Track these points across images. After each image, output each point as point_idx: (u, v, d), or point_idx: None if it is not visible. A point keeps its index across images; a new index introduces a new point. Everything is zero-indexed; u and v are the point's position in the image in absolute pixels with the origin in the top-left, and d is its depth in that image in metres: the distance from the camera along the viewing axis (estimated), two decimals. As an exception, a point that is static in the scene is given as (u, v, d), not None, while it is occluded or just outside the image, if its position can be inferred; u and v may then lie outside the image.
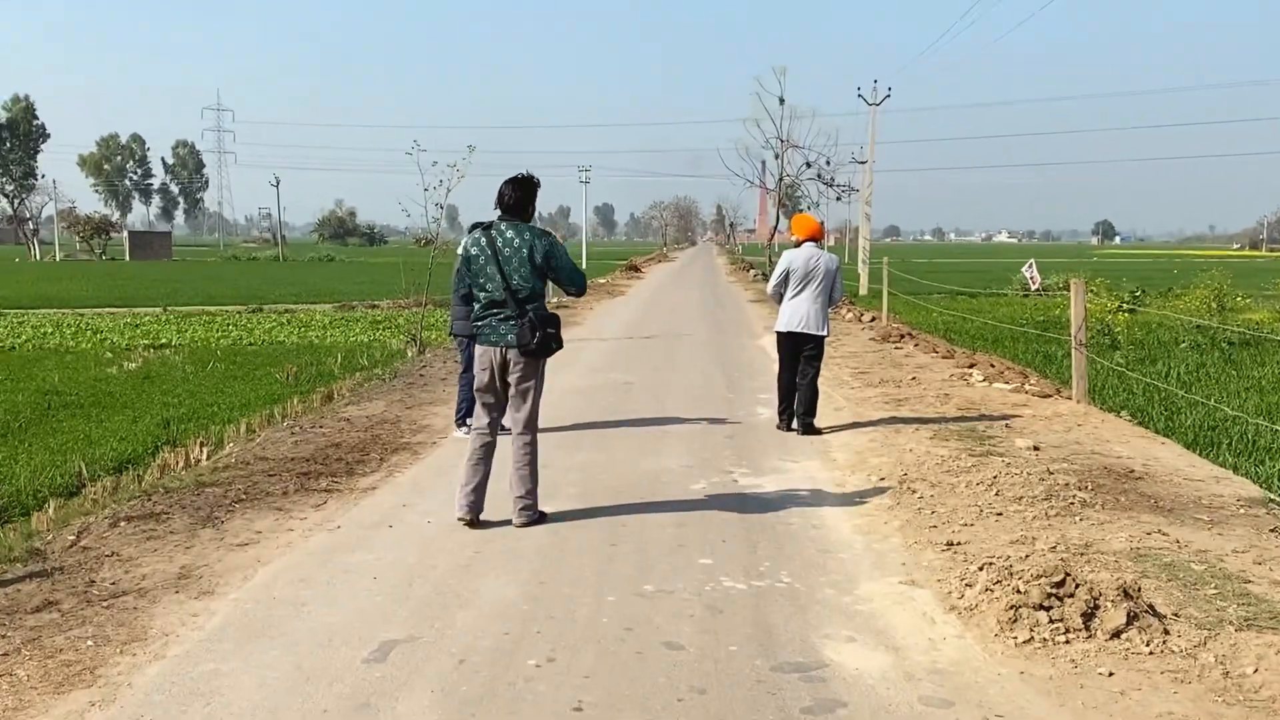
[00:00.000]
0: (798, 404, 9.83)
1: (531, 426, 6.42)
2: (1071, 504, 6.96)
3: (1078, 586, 4.99)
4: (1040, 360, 15.53)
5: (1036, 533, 6.35)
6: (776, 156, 43.85)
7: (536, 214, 6.37)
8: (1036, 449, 8.72)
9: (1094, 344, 15.21)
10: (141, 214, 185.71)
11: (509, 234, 6.19)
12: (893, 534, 6.50)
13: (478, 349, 6.33)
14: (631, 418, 10.48)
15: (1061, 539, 6.19)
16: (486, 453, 6.47)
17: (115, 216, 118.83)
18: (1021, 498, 7.09)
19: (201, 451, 8.98)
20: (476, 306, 6.29)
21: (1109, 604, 4.89)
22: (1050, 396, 11.62)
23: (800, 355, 9.85)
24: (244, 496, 7.14)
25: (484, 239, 6.23)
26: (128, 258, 77.97)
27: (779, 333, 10.01)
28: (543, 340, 6.18)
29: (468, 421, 9.40)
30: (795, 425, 9.82)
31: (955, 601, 5.23)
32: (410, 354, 16.22)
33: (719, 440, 9.39)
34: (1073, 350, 11.10)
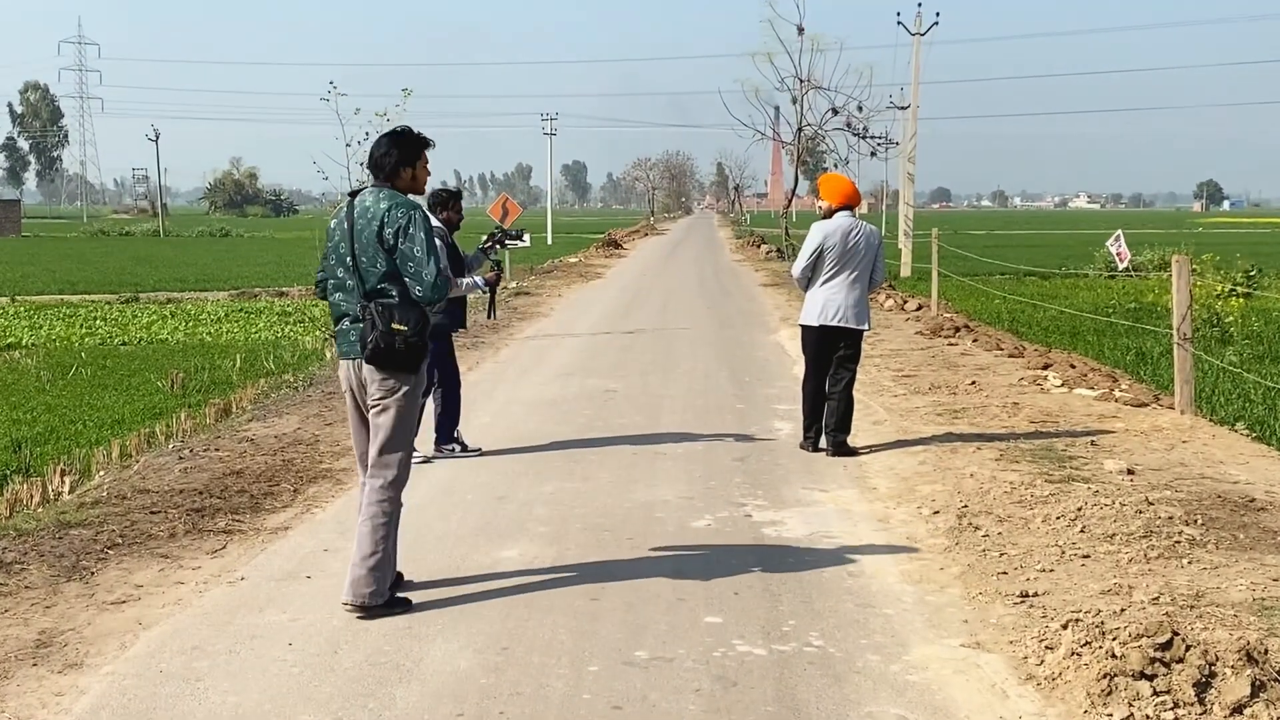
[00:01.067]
0: (828, 417, 9.84)
1: (392, 466, 5.95)
2: (1177, 543, 6.99)
3: (1188, 649, 5.00)
4: (1132, 359, 15.62)
5: (1133, 580, 6.38)
6: (794, 101, 43.80)
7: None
8: (1131, 473, 8.76)
9: (1200, 338, 15.26)
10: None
11: (367, 201, 5.96)
12: (951, 583, 6.51)
13: (340, 365, 6.11)
14: (615, 435, 10.48)
15: (1165, 588, 6.22)
16: None
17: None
18: (1113, 535, 7.11)
19: (63, 482, 8.94)
20: (331, 302, 6.12)
21: (1228, 670, 4.90)
22: (1146, 405, 11.68)
23: (833, 356, 9.87)
24: (119, 540, 7.10)
25: (344, 211, 6.04)
26: (-36, 233, 77.58)
27: (806, 327, 10.03)
28: (385, 344, 5.74)
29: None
30: (825, 444, 9.84)
31: (1033, 669, 5.24)
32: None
33: (727, 464, 9.39)
34: (1174, 346, 11.14)
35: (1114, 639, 5.17)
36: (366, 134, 16.98)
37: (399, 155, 5.99)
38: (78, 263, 43.33)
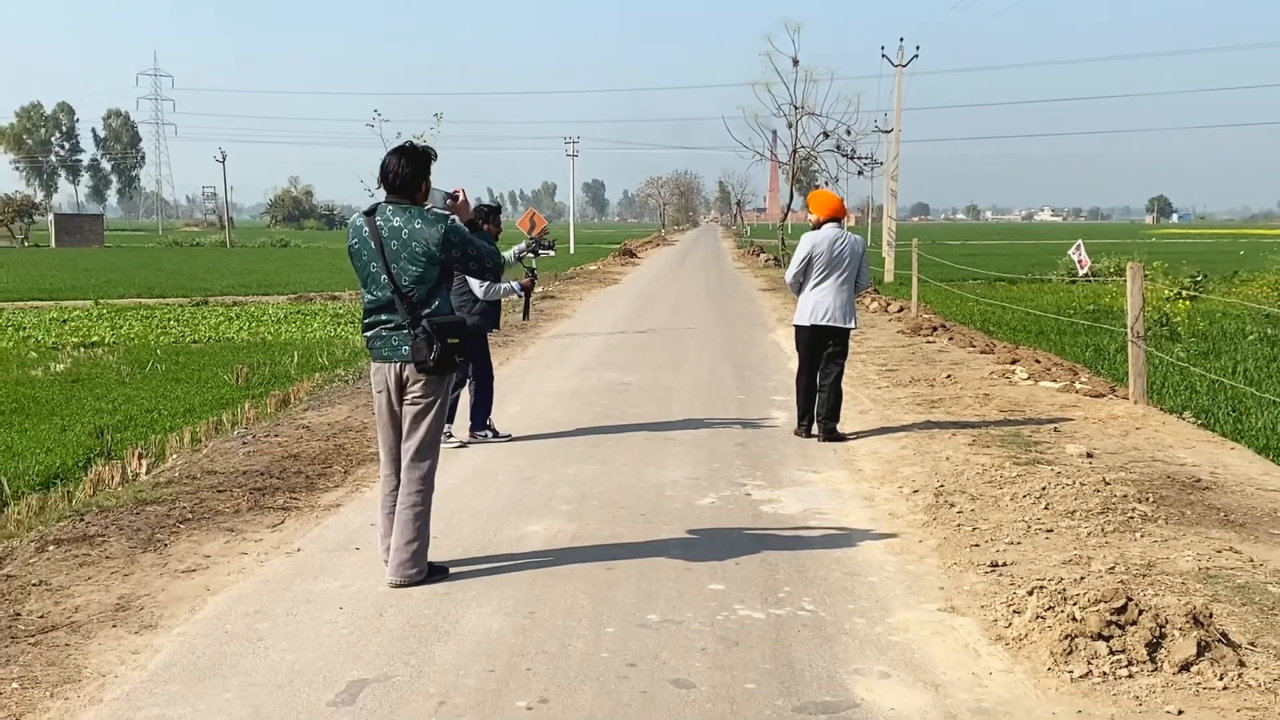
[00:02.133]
0: (819, 407, 9.82)
1: (427, 457, 5.89)
2: (1131, 518, 6.95)
3: (1141, 613, 4.98)
4: (1091, 355, 15.56)
5: (1092, 552, 6.34)
6: (790, 125, 43.81)
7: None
8: (1090, 456, 8.71)
9: (1152, 336, 15.21)
10: (69, 194, 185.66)
11: (395, 221, 5.72)
12: (929, 554, 6.48)
13: (371, 368, 6.00)
14: (629, 423, 10.47)
15: (1120, 558, 6.18)
16: None
17: (39, 197, 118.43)
18: (1074, 512, 7.08)
19: (140, 464, 8.95)
20: (364, 310, 5.96)
21: (1176, 632, 4.87)
22: (1104, 396, 11.63)
23: (823, 353, 9.86)
24: (190, 516, 7.11)
25: (366, 228, 5.79)
26: (53, 244, 77.79)
27: (799, 327, 10.02)
28: (443, 355, 5.72)
29: (445, 428, 9.38)
30: (816, 431, 9.82)
31: (1002, 631, 5.21)
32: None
33: (729, 448, 9.38)
34: (1129, 344, 11.09)
35: (1074, 604, 5.14)
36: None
37: (418, 171, 5.82)
38: (154, 270, 43.36)
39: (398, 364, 5.83)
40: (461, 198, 6.18)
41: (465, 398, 9.72)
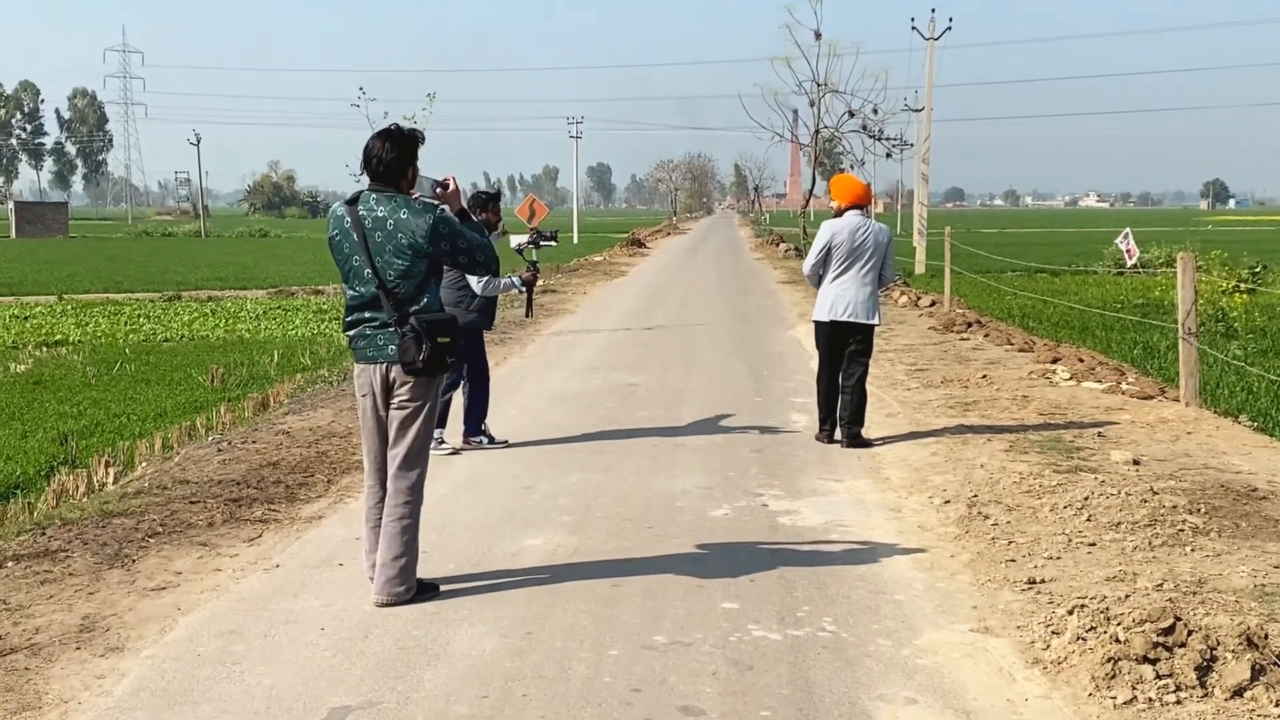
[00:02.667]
0: (841, 410, 9.83)
1: (415, 465, 5.87)
2: (1181, 531, 6.95)
3: (1190, 634, 4.98)
4: (1140, 353, 15.53)
5: (1138, 567, 6.35)
6: (811, 104, 43.74)
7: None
8: (1137, 463, 8.71)
9: (1205, 332, 15.19)
10: (30, 180, 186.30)
11: (379, 210, 5.71)
12: (961, 570, 6.49)
13: (355, 369, 5.98)
14: (637, 428, 10.49)
15: (1169, 575, 6.19)
16: None
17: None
18: (1119, 524, 7.08)
19: (108, 473, 9.00)
20: (346, 308, 5.94)
21: (1229, 655, 4.87)
22: (1152, 398, 11.62)
23: (845, 351, 9.86)
24: (160, 529, 7.14)
25: (348, 218, 5.76)
26: (13, 234, 78.03)
27: (818, 323, 10.03)
28: (433, 355, 5.66)
29: (436, 434, 9.40)
30: (839, 436, 9.83)
31: (1039, 653, 5.22)
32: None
33: (745, 455, 9.39)
34: (1180, 341, 11.08)
35: (1118, 624, 5.15)
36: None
37: (404, 155, 5.79)
38: (123, 263, 43.47)
39: (383, 365, 5.83)
40: (452, 185, 6.19)
41: (458, 400, 9.74)
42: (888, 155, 44.41)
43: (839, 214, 9.94)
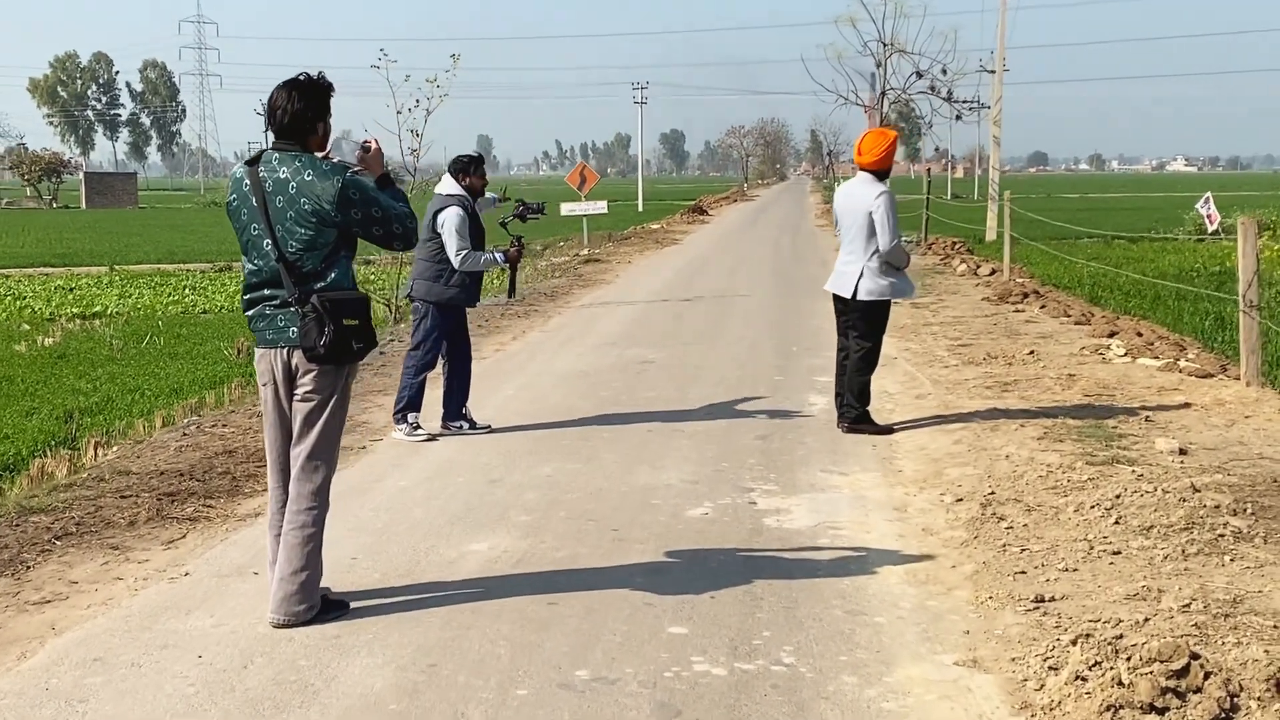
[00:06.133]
0: (839, 389, 9.13)
1: (320, 467, 5.17)
2: (1220, 536, 6.09)
3: (1208, 676, 4.17)
4: (1211, 325, 14.48)
5: (1165, 581, 5.50)
6: (878, 65, 42.49)
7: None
8: (1183, 453, 7.82)
9: (1274, 304, 14.11)
10: (108, 151, 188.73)
11: (281, 172, 5.02)
12: (960, 584, 5.68)
13: (256, 353, 5.29)
14: (638, 410, 9.72)
15: (1200, 592, 5.33)
16: None
17: (75, 154, 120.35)
18: (1150, 528, 6.23)
19: (97, 455, 8.51)
20: (244, 285, 5.26)
21: (1254, 703, 4.09)
22: (1211, 376, 10.65)
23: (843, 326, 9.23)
24: (74, 529, 6.50)
25: (247, 180, 5.09)
26: (83, 205, 78.73)
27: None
28: (337, 339, 4.97)
29: (410, 418, 8.73)
30: (839, 415, 9.13)
31: (1030, 695, 4.41)
32: (390, 323, 15.64)
33: (747, 442, 8.60)
34: (1240, 314, 10.09)
35: (1126, 660, 4.34)
36: (416, 101, 16.62)
37: (312, 107, 5.06)
38: (184, 233, 43.26)
39: (284, 349, 5.12)
40: (374, 147, 5.44)
41: (442, 382, 9.04)
42: (958, 117, 42.93)
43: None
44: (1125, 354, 11.98)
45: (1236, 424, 8.76)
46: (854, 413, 8.94)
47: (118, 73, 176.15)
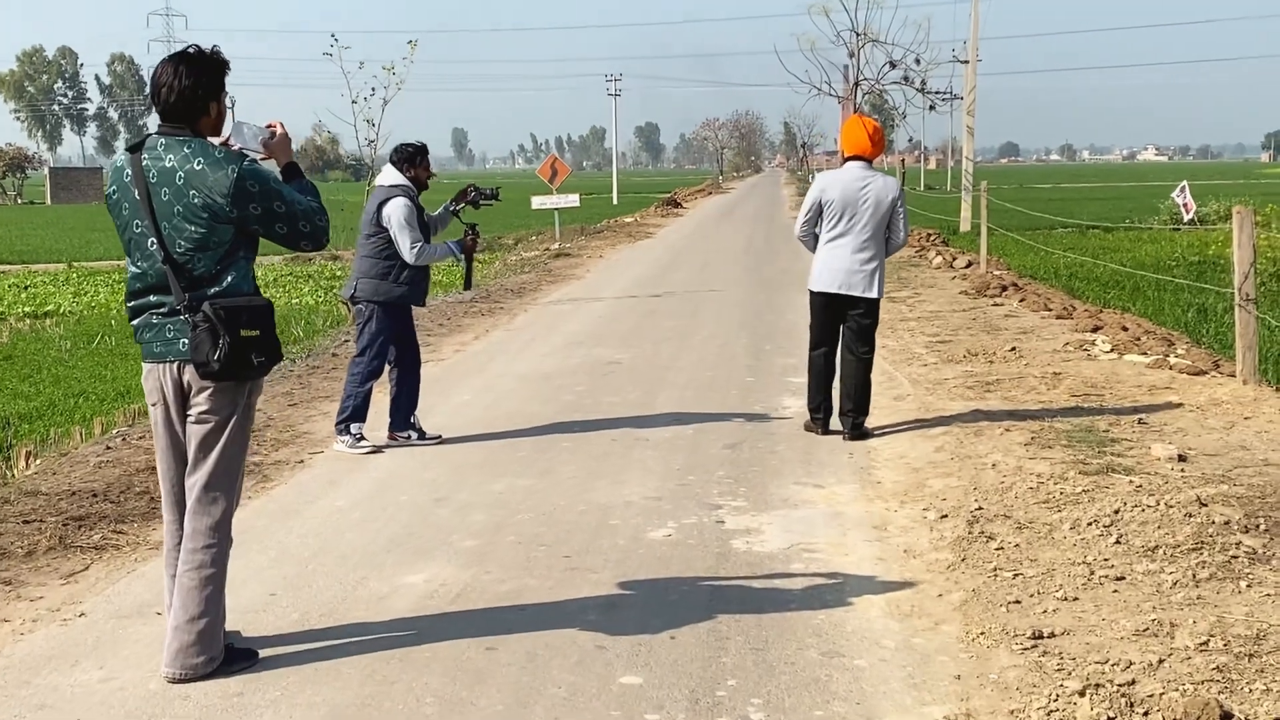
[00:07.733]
0: (843, 397, 8.43)
1: (220, 499, 4.53)
2: (1234, 557, 5.51)
3: (1243, 741, 3.57)
4: (1194, 317, 13.96)
5: (1177, 613, 4.91)
6: (850, 55, 41.97)
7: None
8: (1182, 459, 7.24)
9: (1266, 296, 13.58)
10: (75, 146, 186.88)
11: (168, 160, 4.39)
12: (949, 616, 5.08)
13: (144, 369, 4.61)
14: (600, 417, 9.09)
15: (1217, 625, 4.74)
16: None
17: (42, 150, 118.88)
18: (1156, 549, 5.64)
19: (28, 466, 7.93)
20: (127, 289, 4.61)
21: (1299, 774, 3.47)
22: (1205, 373, 10.08)
23: (843, 326, 8.48)
24: (-35, 561, 5.83)
25: (129, 169, 4.44)
26: (48, 201, 77.64)
27: (813, 292, 8.62)
28: (232, 353, 4.33)
29: (354, 429, 8.08)
30: (837, 425, 8.44)
31: (1034, 759, 3.81)
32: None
33: (715, 452, 7.98)
34: (1236, 308, 9.53)
35: (1144, 716, 3.74)
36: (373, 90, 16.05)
37: (202, 84, 4.40)
38: (145, 229, 42.32)
39: (174, 364, 4.46)
40: (279, 131, 4.78)
41: (386, 389, 8.39)
42: (931, 107, 42.38)
43: (844, 164, 8.55)
44: (1111, 350, 11.42)
45: (1236, 426, 8.19)
46: (861, 419, 8.35)
47: (82, 66, 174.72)
